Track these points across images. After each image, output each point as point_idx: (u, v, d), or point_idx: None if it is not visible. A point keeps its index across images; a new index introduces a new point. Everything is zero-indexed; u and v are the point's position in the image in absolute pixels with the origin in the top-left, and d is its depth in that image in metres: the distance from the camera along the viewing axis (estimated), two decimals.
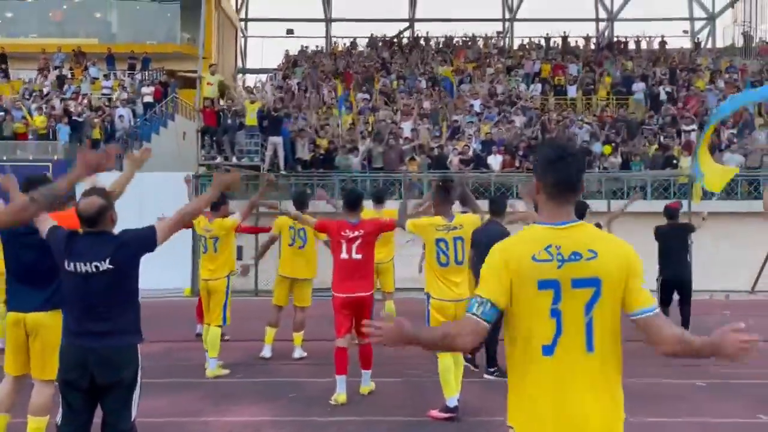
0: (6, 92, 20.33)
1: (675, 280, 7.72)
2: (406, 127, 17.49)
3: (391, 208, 7.81)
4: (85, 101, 19.16)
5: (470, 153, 16.24)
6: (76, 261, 3.33)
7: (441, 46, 26.34)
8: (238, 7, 30.34)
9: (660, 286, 7.72)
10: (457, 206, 5.58)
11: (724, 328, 2.02)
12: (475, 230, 5.29)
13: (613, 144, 16.69)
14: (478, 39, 26.77)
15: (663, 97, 19.95)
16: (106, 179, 4.11)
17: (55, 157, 15.98)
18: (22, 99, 19.15)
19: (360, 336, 5.70)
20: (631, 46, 25.74)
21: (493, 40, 27.58)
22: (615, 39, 27.29)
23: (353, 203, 5.79)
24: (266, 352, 7.25)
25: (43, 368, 4.03)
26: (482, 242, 4.95)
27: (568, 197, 2.24)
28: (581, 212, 6.73)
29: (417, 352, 5.78)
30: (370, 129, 17.71)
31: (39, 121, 16.88)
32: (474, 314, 2.15)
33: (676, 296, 7.77)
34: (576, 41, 26.15)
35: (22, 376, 4.22)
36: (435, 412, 5.20)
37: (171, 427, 5.03)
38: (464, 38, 26.75)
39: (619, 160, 16.13)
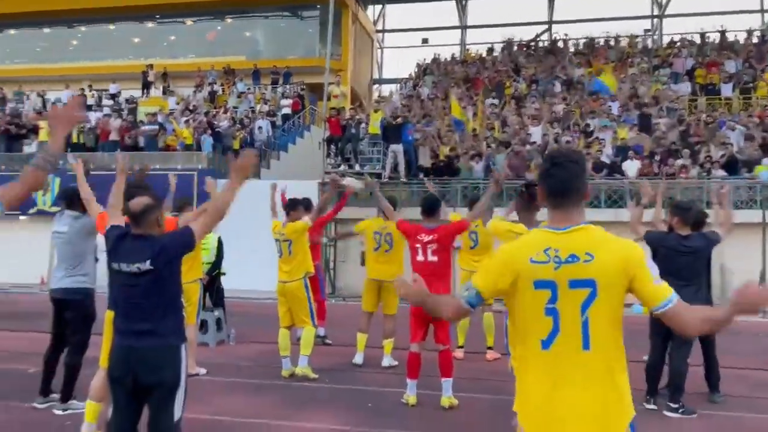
0: (165, 108, 22.46)
1: None
2: (535, 132, 16.84)
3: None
4: (228, 114, 20.59)
5: (603, 158, 15.25)
6: (120, 261, 3.47)
7: (581, 47, 25.13)
8: (375, 18, 31.13)
9: None
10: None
11: (739, 289, 2.08)
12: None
13: None
14: (621, 39, 25.18)
15: None
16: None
17: (200, 166, 17.29)
18: (176, 114, 21.03)
19: (439, 342, 5.64)
20: None
21: (638, 39, 25.80)
22: None
23: (430, 209, 5.77)
24: (358, 359, 7.26)
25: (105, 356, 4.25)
26: None
27: (565, 203, 2.34)
28: (698, 221, 5.97)
29: (505, 368, 5.40)
30: (496, 135, 17.28)
31: (186, 133, 18.37)
32: (462, 296, 2.42)
33: None
34: (735, 35, 23.70)
35: None
36: None
37: (242, 428, 5.11)
38: (606, 38, 25.31)
39: None
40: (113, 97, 23.91)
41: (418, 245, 5.64)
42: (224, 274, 8.90)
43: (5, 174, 16.09)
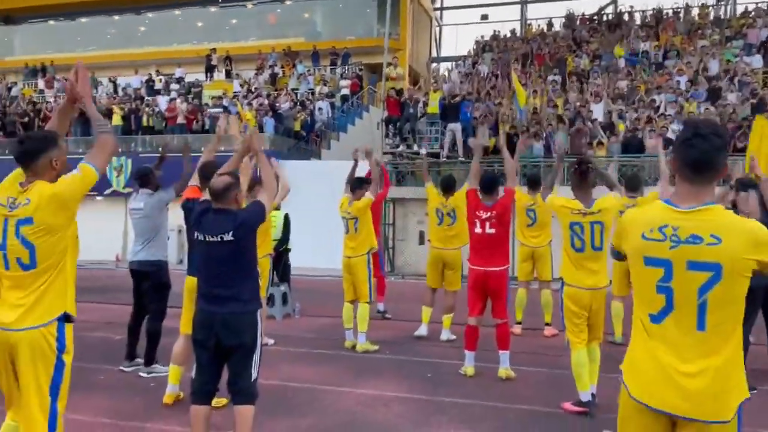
0: (229, 90, 23.10)
1: None
2: (597, 109, 16.50)
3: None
4: (289, 96, 21.01)
5: (668, 134, 14.83)
6: (204, 232, 3.81)
7: (647, 20, 24.24)
8: None
9: None
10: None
11: None
12: None
13: None
14: (691, 9, 24.13)
15: None
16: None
17: (263, 148, 17.77)
18: (239, 97, 21.62)
19: (496, 316, 5.81)
20: None
21: (710, 9, 24.65)
22: None
23: (489, 187, 5.88)
24: (422, 331, 7.49)
25: (187, 324, 4.62)
26: None
27: (699, 179, 2.26)
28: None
29: (561, 344, 5.50)
30: (557, 113, 17.02)
31: (249, 115, 18.89)
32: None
33: None
34: None
35: None
36: (568, 405, 4.96)
37: (308, 393, 5.42)
38: (675, 9, 24.31)
39: None
40: (179, 81, 24.74)
41: (476, 220, 5.84)
42: (290, 249, 9.27)
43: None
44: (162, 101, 21.61)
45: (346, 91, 22.20)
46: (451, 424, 4.71)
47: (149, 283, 5.94)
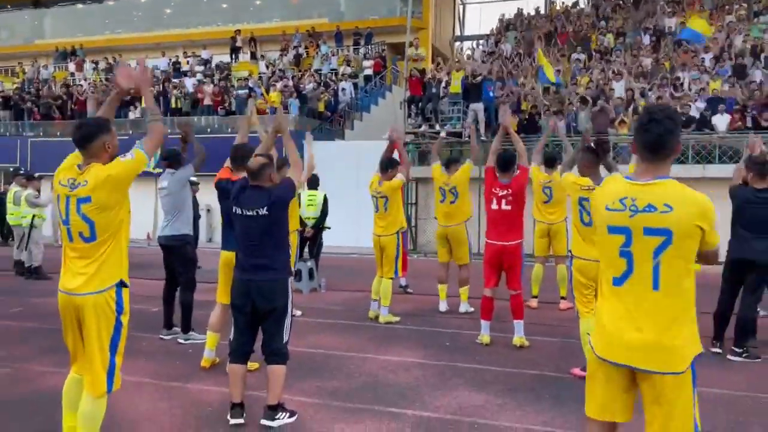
0: (255, 72, 23.46)
1: None
2: (618, 87, 16.50)
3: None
4: (313, 77, 21.28)
5: (691, 112, 14.83)
6: (242, 207, 4.20)
7: None
8: None
9: None
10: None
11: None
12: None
13: None
14: None
15: None
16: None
17: (289, 128, 18.14)
18: (263, 78, 21.97)
19: (510, 288, 6.13)
20: None
21: None
22: None
23: (506, 164, 6.14)
24: (442, 307, 7.84)
25: (223, 294, 5.04)
26: None
27: (656, 158, 2.58)
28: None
29: (576, 316, 5.80)
30: (580, 92, 17.04)
31: (274, 96, 19.25)
32: None
33: None
34: None
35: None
36: (576, 370, 5.28)
37: (334, 359, 5.83)
38: None
39: None
40: (206, 63, 25.16)
41: (493, 197, 6.13)
42: (329, 228, 9.67)
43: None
44: (189, 83, 22.06)
45: (369, 72, 22.38)
46: (465, 386, 5.07)
47: (175, 256, 6.37)
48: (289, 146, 4.62)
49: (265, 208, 4.13)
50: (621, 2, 24.77)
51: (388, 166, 7.27)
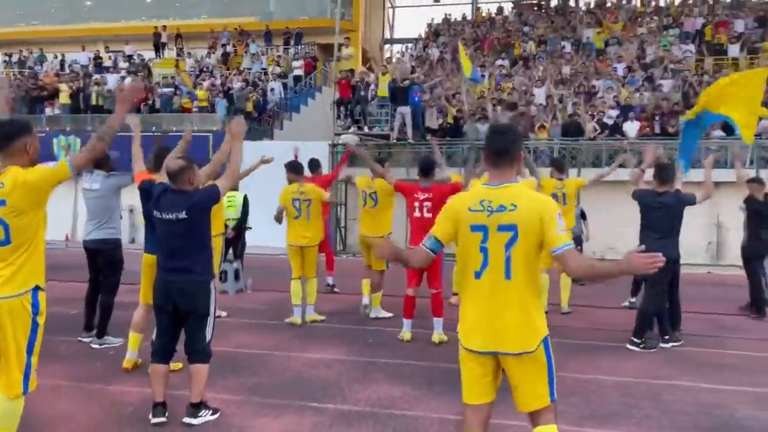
0: (182, 67, 22.97)
1: None
2: (539, 93, 17.24)
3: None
4: (242, 76, 21.08)
5: (605, 119, 15.70)
6: (162, 211, 4.24)
7: (592, 6, 25.14)
8: None
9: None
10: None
11: (631, 251, 2.65)
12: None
13: None
14: None
15: None
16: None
17: (215, 128, 17.93)
18: (190, 76, 21.58)
19: (431, 287, 6.42)
20: None
21: None
22: None
23: (426, 169, 6.40)
24: (365, 300, 7.87)
25: (146, 295, 5.07)
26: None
27: (500, 164, 2.97)
28: (664, 178, 6.61)
29: None
30: (503, 96, 17.69)
31: (201, 95, 18.96)
32: (425, 245, 3.07)
33: None
34: None
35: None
36: None
37: (257, 357, 5.93)
38: None
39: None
40: (129, 58, 24.45)
41: (415, 203, 6.35)
42: (250, 228, 9.67)
43: None
44: (111, 79, 21.39)
45: (299, 72, 22.34)
46: (385, 380, 5.30)
47: (103, 260, 6.26)
48: (236, 155, 4.50)
49: (184, 212, 4.16)
50: (543, 11, 25.85)
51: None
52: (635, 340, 6.39)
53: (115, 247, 6.26)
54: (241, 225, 9.36)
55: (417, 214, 6.34)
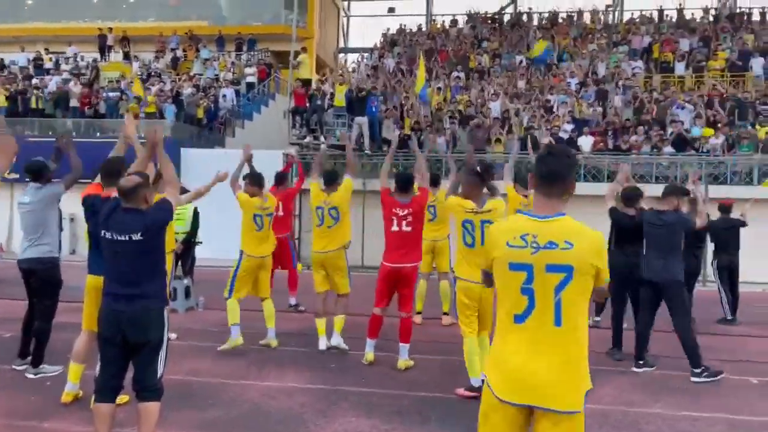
0: (127, 72, 22.10)
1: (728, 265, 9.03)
2: (495, 107, 17.27)
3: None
4: (192, 82, 20.42)
5: (561, 133, 15.82)
6: (112, 231, 3.80)
7: (544, 22, 25.52)
8: None
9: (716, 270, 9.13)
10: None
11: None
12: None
13: (718, 125, 15.56)
14: (584, 13, 25.61)
15: None
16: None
17: (165, 135, 17.24)
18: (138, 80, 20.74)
19: (402, 310, 6.05)
20: (756, 17, 23.55)
21: (600, 15, 26.28)
22: (738, 10, 25.02)
23: (405, 185, 6.09)
24: (321, 344, 6.86)
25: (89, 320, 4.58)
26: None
27: (552, 191, 2.60)
28: (630, 197, 6.57)
29: (458, 332, 5.85)
30: (459, 108, 17.65)
31: (149, 100, 18.23)
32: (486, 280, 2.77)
33: None
34: (692, 14, 24.36)
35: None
36: (461, 391, 5.34)
37: (212, 387, 5.50)
38: (570, 13, 25.72)
39: (719, 141, 15.00)
40: (71, 60, 23.40)
41: (393, 217, 6.01)
42: (200, 242, 9.17)
43: None
44: (52, 82, 20.38)
45: (251, 78, 21.85)
46: (352, 410, 4.96)
47: (38, 281, 5.69)
48: (164, 161, 4.23)
49: (140, 233, 3.76)
50: (497, 25, 26.06)
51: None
52: (640, 362, 6.34)
53: (50, 267, 5.68)
54: (191, 239, 8.88)
55: (395, 228, 6.00)
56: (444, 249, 8.04)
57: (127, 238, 3.77)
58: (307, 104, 16.80)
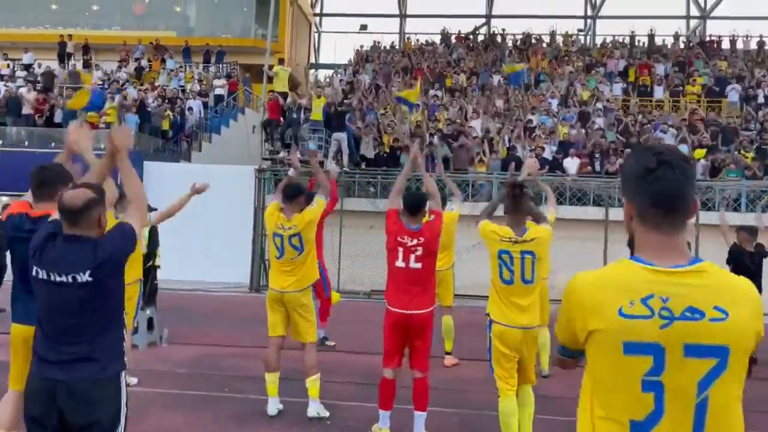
0: (88, 82, 20.86)
1: None
2: (476, 125, 16.68)
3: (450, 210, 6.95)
4: (157, 93, 19.35)
5: (545, 155, 15.27)
6: (48, 268, 2.73)
7: (518, 43, 25.26)
8: (313, 2, 30.23)
9: None
10: None
11: None
12: None
13: (706, 149, 15.27)
14: (558, 36, 25.48)
15: (761, 100, 18.24)
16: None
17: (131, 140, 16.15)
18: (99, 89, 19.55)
19: (415, 367, 4.72)
20: (725, 45, 23.75)
21: (573, 38, 26.18)
22: (708, 38, 25.21)
23: (416, 208, 4.71)
24: (271, 409, 5.34)
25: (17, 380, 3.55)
26: None
27: (674, 220, 1.66)
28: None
29: (474, 377, 4.94)
30: (438, 127, 17.01)
31: (110, 111, 17.10)
32: (558, 354, 1.87)
33: None
34: (663, 40, 24.44)
35: None
36: None
37: None
38: (543, 35, 25.56)
39: (706, 164, 14.72)
40: (27, 67, 22.06)
41: (399, 248, 4.65)
42: (159, 267, 8.01)
43: None
44: (5, 89, 19.03)
45: (220, 91, 20.92)
46: None
47: None
48: (128, 172, 3.10)
49: (88, 272, 2.69)
50: (471, 45, 25.69)
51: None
52: None
53: None
54: (149, 262, 7.75)
55: (401, 263, 4.63)
56: (447, 279, 7.08)
57: (69, 279, 2.69)
58: (281, 118, 15.90)
